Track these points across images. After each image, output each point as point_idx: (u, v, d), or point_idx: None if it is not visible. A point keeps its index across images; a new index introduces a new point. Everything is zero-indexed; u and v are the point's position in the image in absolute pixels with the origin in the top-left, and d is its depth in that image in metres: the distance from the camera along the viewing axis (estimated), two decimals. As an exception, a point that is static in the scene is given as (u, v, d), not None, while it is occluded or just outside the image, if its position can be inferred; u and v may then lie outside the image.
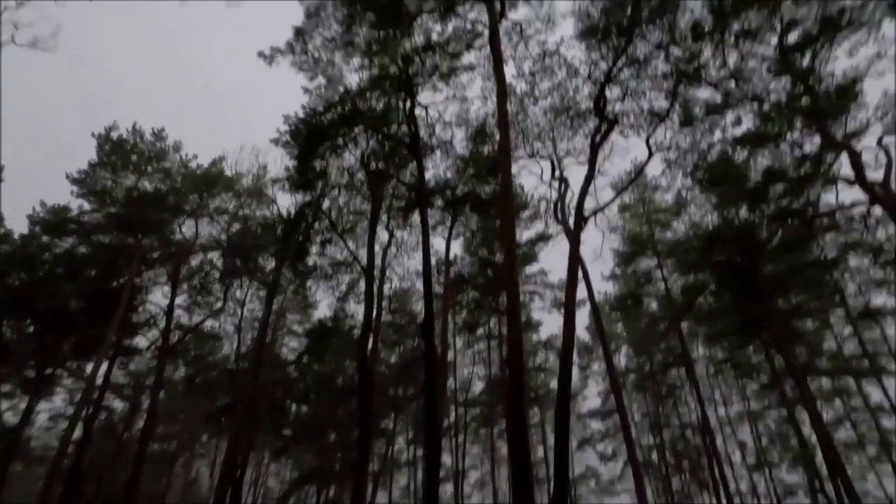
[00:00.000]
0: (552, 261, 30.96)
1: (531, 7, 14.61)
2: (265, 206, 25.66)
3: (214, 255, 27.74)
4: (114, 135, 20.68)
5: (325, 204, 16.30)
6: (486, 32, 14.43)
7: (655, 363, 32.19)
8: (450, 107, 16.22)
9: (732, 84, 16.67)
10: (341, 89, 13.65)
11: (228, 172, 24.24)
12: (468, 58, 15.84)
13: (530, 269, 27.16)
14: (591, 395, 41.47)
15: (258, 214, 25.86)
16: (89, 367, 28.75)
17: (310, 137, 12.88)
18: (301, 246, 14.78)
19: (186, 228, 26.28)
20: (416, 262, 23.11)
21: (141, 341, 27.50)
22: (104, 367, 23.38)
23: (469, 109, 16.38)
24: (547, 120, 17.37)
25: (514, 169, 20.27)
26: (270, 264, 27.73)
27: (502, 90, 11.54)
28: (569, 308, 11.92)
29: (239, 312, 29.87)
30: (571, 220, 17.04)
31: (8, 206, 20.51)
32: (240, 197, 25.15)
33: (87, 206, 21.42)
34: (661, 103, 16.37)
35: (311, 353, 20.56)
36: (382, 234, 21.40)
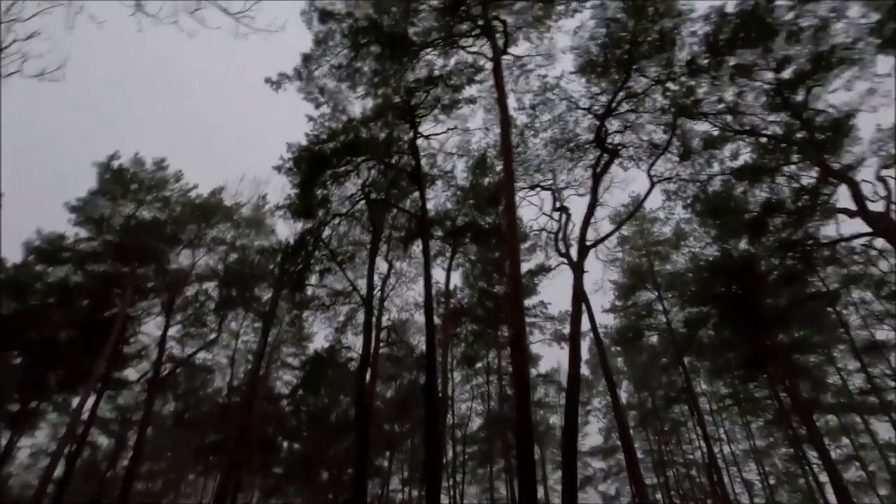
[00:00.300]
0: (551, 293, 30.76)
1: (532, 42, 15.00)
2: (264, 236, 25.58)
3: (210, 286, 27.41)
4: (115, 164, 20.73)
5: (325, 233, 16.17)
6: (489, 65, 14.76)
7: (658, 398, 31.54)
8: (451, 137, 16.33)
9: (730, 118, 16.98)
10: (345, 118, 13.80)
11: (228, 202, 24.22)
12: (470, 91, 16.12)
13: (530, 301, 26.89)
14: (592, 432, 40.46)
15: (256, 244, 25.72)
16: (76, 401, 27.90)
17: (312, 165, 12.90)
18: (300, 274, 14.55)
19: (183, 258, 26.07)
20: (414, 293, 22.84)
21: (131, 374, 26.76)
22: (91, 400, 22.61)
23: (470, 140, 16.57)
24: (547, 152, 17.55)
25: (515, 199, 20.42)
26: (267, 295, 27.40)
27: (505, 120, 11.65)
28: (574, 339, 11.67)
29: (233, 344, 29.29)
30: (573, 251, 17.03)
31: (7, 233, 20.26)
32: (238, 227, 25.03)
33: (83, 234, 21.19)
34: (660, 136, 16.65)
35: (307, 386, 19.97)
36: (381, 265, 21.31)
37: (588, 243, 16.65)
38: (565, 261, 18.40)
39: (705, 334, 24.72)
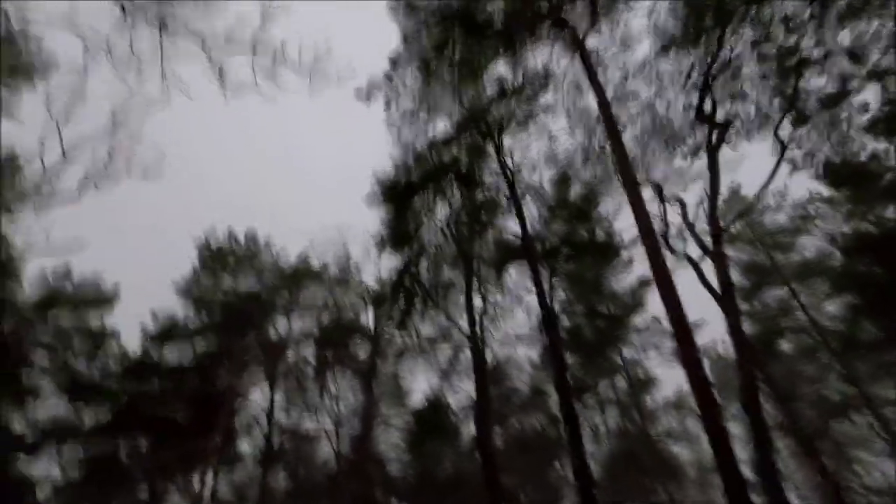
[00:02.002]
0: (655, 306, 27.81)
1: (606, 33, 14.07)
2: (353, 292, 25.57)
3: (307, 350, 27.60)
4: (211, 241, 21.86)
5: (417, 269, 15.50)
6: (560, 67, 13.93)
7: (812, 411, 26.79)
8: (536, 149, 15.45)
9: (848, 66, 14.77)
10: (428, 138, 13.44)
11: (315, 263, 24.64)
12: (545, 99, 15.32)
13: (641, 318, 24.38)
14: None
15: (348, 301, 25.73)
16: (195, 480, 28.46)
17: (401, 193, 12.48)
18: (405, 312, 13.83)
19: (279, 326, 26.58)
20: (513, 326, 21.30)
21: (243, 447, 26.97)
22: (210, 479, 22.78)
23: (556, 149, 15.55)
24: (638, 146, 16.09)
25: (603, 209, 18.85)
26: (365, 351, 27.06)
27: (604, 101, 10.55)
28: (738, 336, 9.68)
29: (336, 408, 28.94)
30: (691, 247, 15.03)
31: (125, 320, 21.68)
32: (328, 286, 25.27)
33: (191, 312, 22.19)
34: (768, 103, 14.73)
35: (419, 441, 18.66)
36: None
37: (707, 239, 14.68)
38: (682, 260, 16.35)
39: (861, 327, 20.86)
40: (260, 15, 13.13)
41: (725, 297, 10.45)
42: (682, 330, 7.77)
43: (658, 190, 15.16)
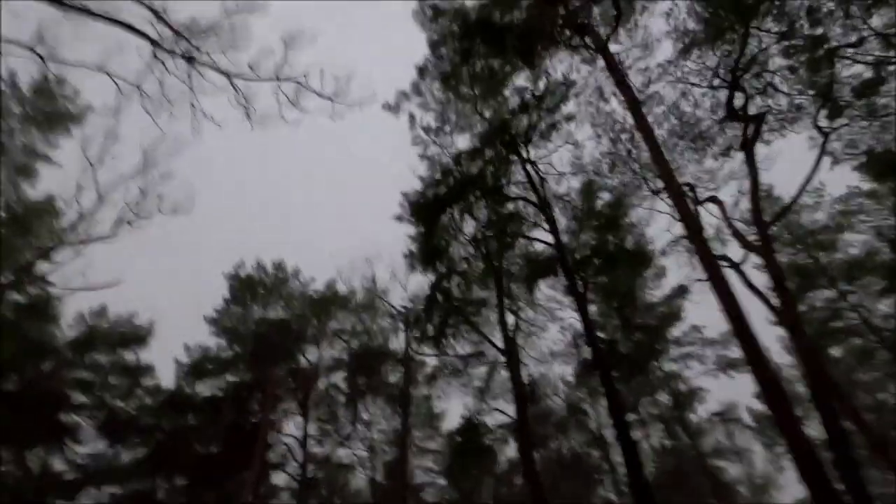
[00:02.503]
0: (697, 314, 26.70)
1: (626, 38, 13.93)
2: (382, 316, 25.37)
3: (338, 378, 27.37)
4: (241, 272, 22.08)
5: (447, 287, 15.22)
6: (581, 75, 13.80)
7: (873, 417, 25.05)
8: (561, 158, 15.21)
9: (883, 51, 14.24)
10: (454, 152, 13.35)
11: (343, 289, 24.60)
12: (570, 107, 15.16)
13: (679, 329, 23.45)
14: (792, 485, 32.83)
15: (377, 326, 25.52)
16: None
17: (431, 208, 12.35)
18: (441, 328, 13.51)
19: (310, 355, 26.48)
20: (546, 342, 20.75)
21: (278, 478, 26.61)
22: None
23: (582, 156, 15.28)
24: (667, 147, 15.71)
25: (632, 216, 18.39)
26: (396, 376, 26.68)
27: (632, 98, 10.29)
28: (797, 331, 9.06)
29: (369, 435, 28.46)
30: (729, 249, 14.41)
31: (159, 354, 21.87)
32: (357, 311, 25.15)
33: (223, 343, 22.28)
34: (800, 95, 14.25)
35: (457, 461, 18.02)
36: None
37: (746, 239, 14.10)
38: (724, 263, 15.73)
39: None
40: (283, 43, 13.43)
41: (780, 291, 9.84)
42: (744, 332, 7.24)
43: (691, 191, 14.69)
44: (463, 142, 14.10)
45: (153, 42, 11.76)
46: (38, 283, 21.16)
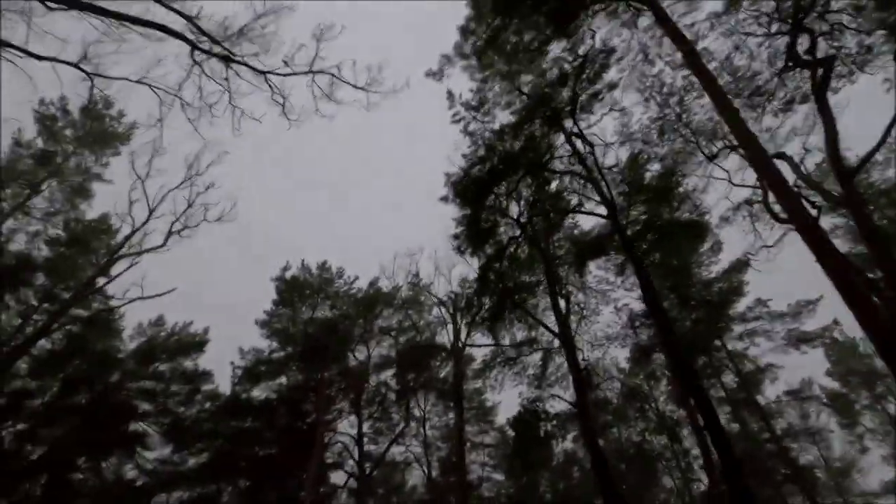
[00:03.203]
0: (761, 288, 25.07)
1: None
2: (428, 310, 25.18)
3: (388, 375, 27.35)
4: (287, 274, 22.35)
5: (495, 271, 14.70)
6: (627, 35, 13.06)
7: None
8: (608, 126, 14.39)
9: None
10: (496, 128, 12.86)
11: (386, 285, 24.53)
12: (609, 76, 14.38)
13: (742, 304, 22.05)
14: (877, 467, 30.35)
15: (424, 321, 25.33)
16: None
17: (476, 188, 11.93)
18: (500, 302, 13.01)
19: (359, 354, 26.58)
20: (601, 325, 19.90)
21: (337, 477, 26.81)
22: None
23: (629, 123, 14.45)
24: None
25: (688, 183, 17.36)
26: (446, 370, 26.41)
27: (691, 51, 9.50)
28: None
29: (422, 431, 28.33)
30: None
31: (215, 358, 22.42)
32: (403, 308, 25.02)
33: (275, 345, 22.61)
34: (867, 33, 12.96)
35: (518, 452, 17.49)
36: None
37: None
38: (789, 227, 14.59)
39: None
40: (314, 37, 13.37)
41: (874, 246, 8.84)
42: (848, 283, 6.40)
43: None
44: (504, 118, 13.63)
45: (191, 43, 11.90)
46: (99, 297, 22.11)
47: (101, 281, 19.18)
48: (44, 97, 20.87)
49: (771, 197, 15.27)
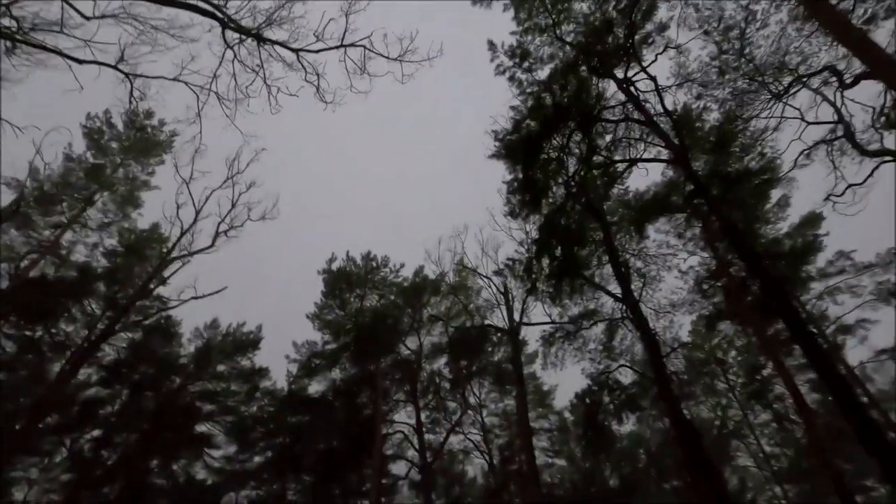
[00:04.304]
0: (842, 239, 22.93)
1: None
2: (476, 295, 24.52)
3: (441, 363, 26.90)
4: (333, 266, 22.21)
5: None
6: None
7: None
8: (661, 69, 13.22)
9: None
10: (543, 78, 11.99)
11: (433, 271, 24.03)
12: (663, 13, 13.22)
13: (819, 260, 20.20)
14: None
15: (472, 306, 24.67)
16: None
17: (526, 143, 11.13)
18: (558, 272, 12.17)
19: (410, 343, 26.25)
20: (665, 289, 18.63)
21: (398, 468, 26.62)
22: None
23: (686, 63, 13.21)
24: (785, 39, 13.26)
25: (754, 126, 15.90)
26: (499, 354, 25.72)
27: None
28: None
29: (479, 419, 27.74)
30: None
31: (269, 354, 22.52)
32: (451, 293, 24.46)
33: (327, 337, 22.55)
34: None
35: (588, 430, 16.54)
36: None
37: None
38: (881, 160, 13.04)
39: None
40: (342, 12, 12.93)
41: None
42: None
43: (837, 77, 12.19)
44: (549, 72, 12.68)
45: (223, 23, 11.68)
46: (156, 303, 22.66)
47: (155, 284, 19.53)
48: (89, 111, 21.55)
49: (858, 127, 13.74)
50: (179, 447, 25.05)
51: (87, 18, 12.98)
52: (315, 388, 23.38)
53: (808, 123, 14.97)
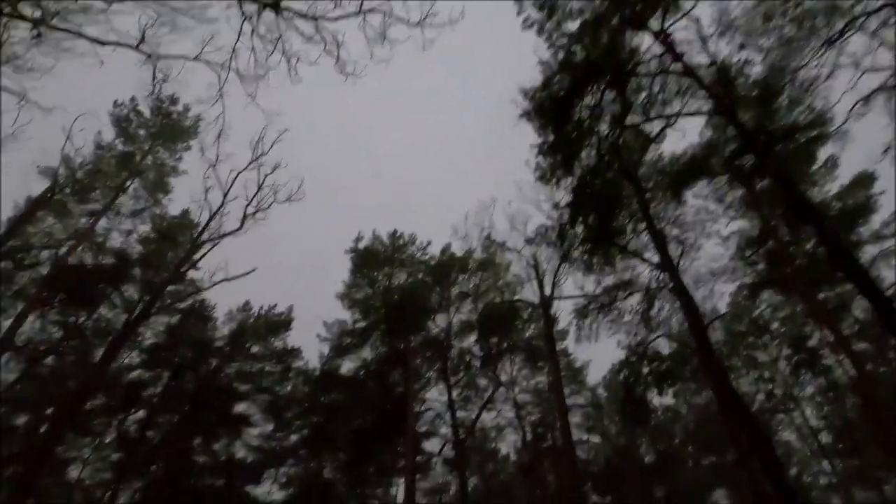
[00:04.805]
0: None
1: None
2: (504, 271, 24.08)
3: (471, 341, 26.72)
4: (360, 245, 22.12)
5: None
6: None
7: None
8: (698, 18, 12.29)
9: None
10: (573, 30, 11.26)
11: (461, 248, 23.68)
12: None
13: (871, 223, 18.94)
14: None
15: (501, 282, 24.27)
16: (393, 490, 29.08)
17: (557, 101, 10.56)
18: (594, 234, 11.64)
19: (440, 320, 26.11)
20: (707, 256, 17.79)
21: (431, 445, 26.77)
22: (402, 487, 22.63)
23: (726, 9, 12.23)
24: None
25: (802, 77, 14.78)
26: (530, 330, 25.36)
27: None
28: None
29: (511, 396, 27.55)
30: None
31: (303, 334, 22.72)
32: (480, 269, 24.11)
33: (357, 316, 22.58)
34: None
35: (626, 404, 16.10)
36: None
37: None
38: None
39: None
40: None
41: None
42: None
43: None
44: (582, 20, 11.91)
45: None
46: (189, 287, 23.09)
47: (186, 267, 19.80)
48: (116, 99, 21.81)
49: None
50: (219, 427, 25.76)
51: (109, 3, 12.95)
52: (347, 366, 23.54)
53: (864, 72, 13.79)
